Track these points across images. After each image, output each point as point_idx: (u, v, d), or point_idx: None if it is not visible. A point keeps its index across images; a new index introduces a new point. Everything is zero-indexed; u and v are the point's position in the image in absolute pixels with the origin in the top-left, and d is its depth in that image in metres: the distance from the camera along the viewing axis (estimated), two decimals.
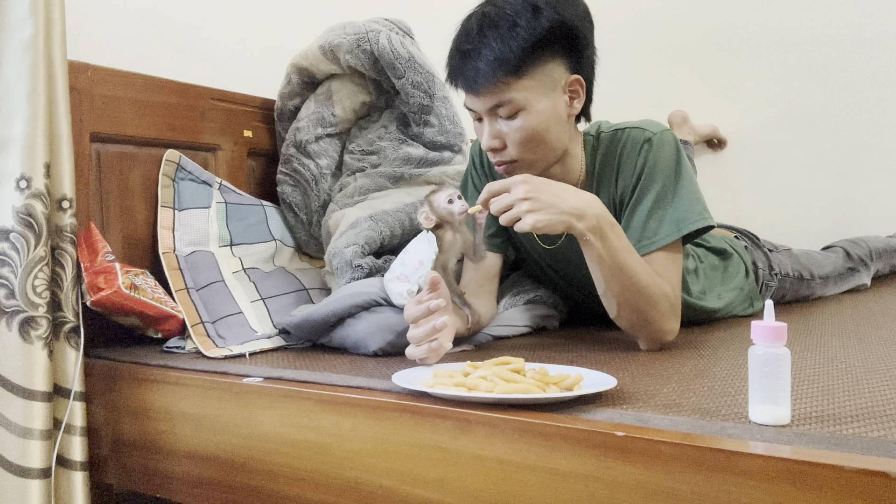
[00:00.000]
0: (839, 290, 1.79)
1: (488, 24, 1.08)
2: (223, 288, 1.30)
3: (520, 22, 1.06)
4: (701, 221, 1.12)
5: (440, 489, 0.77)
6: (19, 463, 1.01)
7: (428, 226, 1.10)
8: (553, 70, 1.09)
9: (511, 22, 1.06)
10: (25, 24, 1.04)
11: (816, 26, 2.27)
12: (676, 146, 1.16)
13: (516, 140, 1.10)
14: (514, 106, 1.08)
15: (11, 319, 1.02)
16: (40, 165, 1.05)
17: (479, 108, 1.11)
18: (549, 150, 1.13)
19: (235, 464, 0.95)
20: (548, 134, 1.11)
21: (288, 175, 1.55)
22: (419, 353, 0.96)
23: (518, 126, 1.09)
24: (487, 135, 1.12)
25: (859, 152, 2.24)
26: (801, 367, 0.94)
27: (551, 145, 1.13)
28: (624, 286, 1.04)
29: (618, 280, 1.04)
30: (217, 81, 1.52)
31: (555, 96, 1.10)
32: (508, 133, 1.10)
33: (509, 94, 1.07)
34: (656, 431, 0.67)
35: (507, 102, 1.08)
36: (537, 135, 1.10)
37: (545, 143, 1.12)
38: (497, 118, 1.10)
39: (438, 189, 1.11)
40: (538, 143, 1.11)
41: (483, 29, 1.08)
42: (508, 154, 1.12)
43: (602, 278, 1.05)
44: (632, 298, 1.05)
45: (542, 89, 1.09)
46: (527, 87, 1.08)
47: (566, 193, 1.00)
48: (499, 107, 1.09)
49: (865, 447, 0.61)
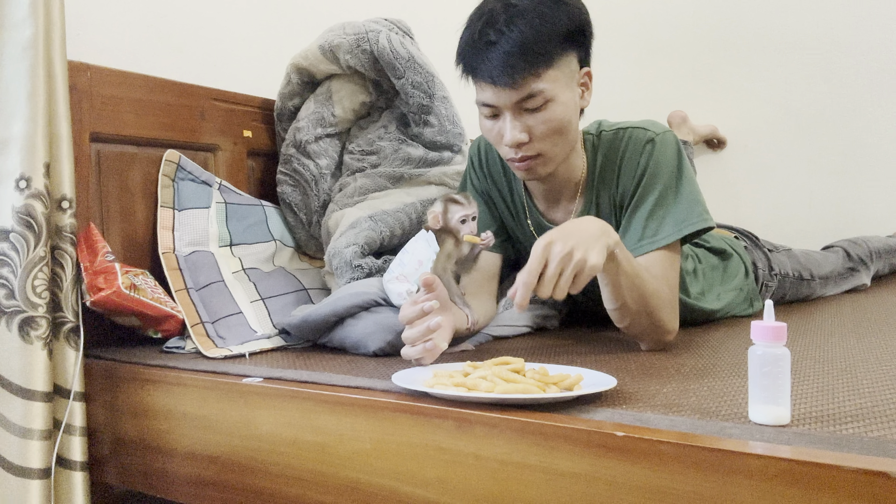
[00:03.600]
0: (839, 290, 1.79)
1: (516, 13, 1.05)
2: (223, 288, 1.30)
3: (546, 11, 1.05)
4: (701, 223, 1.12)
5: (440, 489, 0.77)
6: (19, 463, 1.01)
7: (434, 227, 1.11)
8: (571, 62, 1.10)
9: (538, 12, 1.05)
10: (25, 24, 1.04)
11: (816, 27, 2.27)
12: (678, 147, 1.16)
13: (544, 132, 1.09)
14: (544, 97, 1.06)
15: (11, 319, 1.02)
16: (40, 165, 1.05)
17: (503, 102, 1.07)
18: (568, 144, 1.14)
19: (235, 464, 0.95)
20: (570, 126, 1.11)
21: (288, 175, 1.54)
22: (414, 353, 0.96)
23: (546, 118, 1.08)
24: (513, 129, 1.08)
25: (859, 152, 2.24)
26: (801, 367, 0.94)
27: (571, 138, 1.13)
28: (637, 295, 1.03)
29: (633, 290, 1.03)
30: (217, 81, 1.52)
31: (574, 88, 1.11)
32: (535, 126, 1.08)
33: (540, 84, 1.06)
34: (656, 431, 0.67)
35: (537, 94, 1.06)
36: (563, 127, 1.10)
37: (568, 136, 1.12)
38: (523, 112, 1.08)
39: (459, 200, 1.12)
40: (563, 135, 1.11)
41: (512, 18, 1.05)
42: (534, 148, 1.10)
43: (622, 292, 1.03)
44: (643, 307, 1.05)
45: (565, 80, 1.09)
46: (555, 77, 1.07)
47: (580, 225, 0.97)
48: (528, 98, 1.06)
49: (865, 447, 0.61)
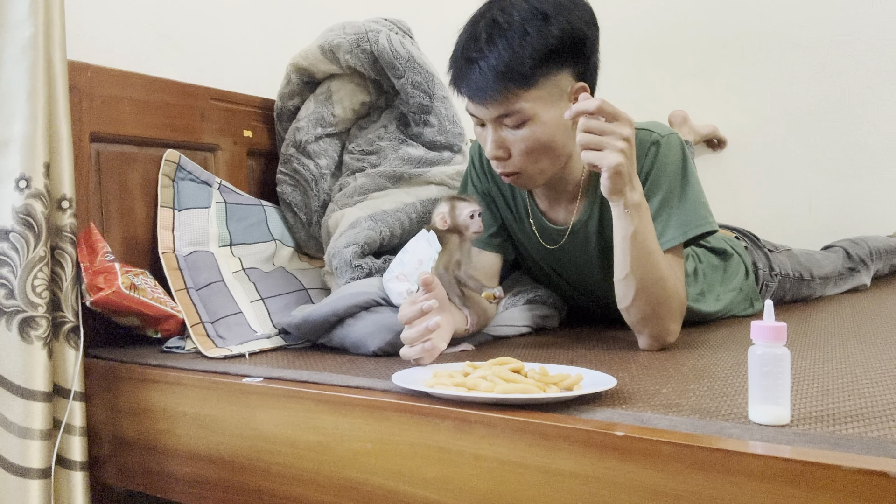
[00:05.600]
0: (839, 291, 1.79)
1: (498, 31, 1.04)
2: (223, 288, 1.30)
3: (530, 31, 1.03)
4: (706, 226, 1.12)
5: (440, 489, 0.77)
6: (19, 463, 1.01)
7: (442, 227, 1.12)
8: (561, 80, 1.07)
9: (521, 30, 1.03)
10: (25, 24, 1.04)
11: (817, 26, 2.27)
12: (683, 149, 1.15)
13: (522, 150, 1.08)
14: (521, 116, 1.05)
15: (11, 319, 1.02)
16: (40, 165, 1.05)
17: (483, 116, 1.08)
18: (555, 160, 1.12)
19: (235, 464, 0.95)
20: (553, 143, 1.09)
21: (288, 175, 1.54)
22: (413, 353, 0.96)
23: (524, 136, 1.07)
24: (492, 144, 1.09)
25: (859, 152, 2.24)
26: (801, 367, 0.94)
27: (557, 153, 1.11)
28: (647, 272, 1.03)
29: (643, 264, 1.02)
30: (217, 81, 1.52)
31: (561, 105, 1.08)
32: (514, 143, 1.08)
33: (517, 104, 1.05)
34: (656, 431, 0.67)
35: (514, 113, 1.05)
36: (543, 145, 1.08)
37: (551, 153, 1.10)
38: (502, 127, 1.08)
39: (464, 199, 1.13)
40: (543, 153, 1.09)
41: (492, 37, 1.04)
42: (512, 164, 1.10)
43: (629, 260, 1.02)
44: (650, 288, 1.03)
45: (549, 99, 1.06)
46: (535, 97, 1.05)
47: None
48: (506, 116, 1.06)
49: (865, 447, 0.61)
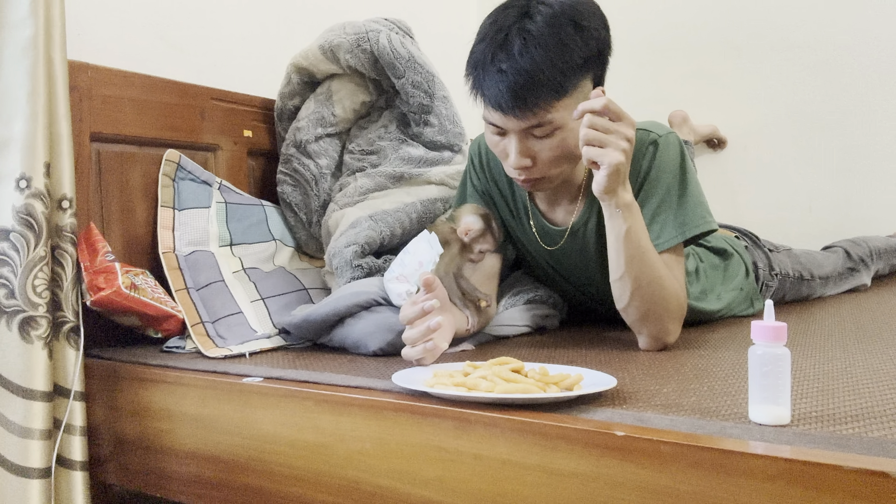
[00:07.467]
0: (839, 290, 1.79)
1: (534, 42, 1.01)
2: (223, 288, 1.30)
3: (567, 42, 1.01)
4: (705, 225, 1.12)
5: (440, 489, 0.77)
6: (19, 463, 1.01)
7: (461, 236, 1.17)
8: (585, 86, 1.07)
9: (559, 42, 1.01)
10: (25, 24, 1.04)
11: (817, 27, 2.27)
12: (681, 149, 1.15)
13: (549, 158, 1.08)
14: (553, 126, 1.04)
15: (11, 319, 1.02)
16: (40, 165, 1.05)
17: (511, 127, 1.06)
18: (573, 163, 1.12)
19: (235, 464, 0.95)
20: (576, 149, 1.08)
21: (288, 175, 1.55)
22: (414, 353, 0.96)
23: (552, 145, 1.06)
24: (517, 154, 1.07)
25: (859, 152, 2.24)
26: (801, 367, 0.94)
27: (576, 156, 1.10)
28: (642, 271, 1.03)
29: (637, 263, 1.03)
30: (217, 81, 1.52)
31: None
32: (541, 151, 1.07)
33: (550, 115, 1.03)
34: (656, 431, 0.67)
35: (546, 123, 1.04)
36: (570, 152, 1.08)
37: (572, 157, 1.10)
38: (529, 137, 1.06)
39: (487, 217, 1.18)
40: (568, 159, 1.10)
41: (527, 47, 1.01)
42: (538, 171, 1.09)
43: (623, 259, 1.03)
44: (646, 287, 1.04)
45: (575, 106, 1.05)
46: (565, 105, 1.04)
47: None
48: (536, 127, 1.05)
49: (865, 447, 0.61)
